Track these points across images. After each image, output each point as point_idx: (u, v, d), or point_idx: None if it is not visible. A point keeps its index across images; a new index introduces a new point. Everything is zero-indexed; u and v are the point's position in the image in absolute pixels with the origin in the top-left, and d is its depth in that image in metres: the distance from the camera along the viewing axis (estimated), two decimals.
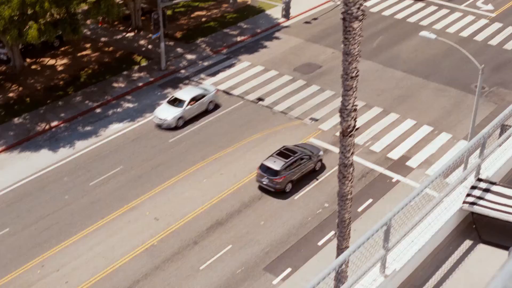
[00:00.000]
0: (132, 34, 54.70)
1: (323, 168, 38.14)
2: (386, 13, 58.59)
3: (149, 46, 52.67)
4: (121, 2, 51.21)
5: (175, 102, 42.85)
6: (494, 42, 52.91)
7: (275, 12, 57.16)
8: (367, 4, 57.47)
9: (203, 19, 57.80)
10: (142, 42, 53.59)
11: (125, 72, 48.84)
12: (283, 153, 36.67)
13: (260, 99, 45.19)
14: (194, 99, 43.01)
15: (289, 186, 36.17)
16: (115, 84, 47.31)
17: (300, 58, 50.69)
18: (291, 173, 35.92)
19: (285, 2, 47.05)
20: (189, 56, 51.27)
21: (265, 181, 35.87)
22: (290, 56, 51.08)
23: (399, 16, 58.04)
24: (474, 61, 35.30)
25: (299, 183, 36.77)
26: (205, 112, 43.57)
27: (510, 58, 50.32)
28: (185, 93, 43.74)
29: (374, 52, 51.15)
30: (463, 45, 47.98)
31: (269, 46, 52.78)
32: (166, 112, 42.22)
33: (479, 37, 53.68)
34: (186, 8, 60.04)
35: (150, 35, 51.93)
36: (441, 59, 49.81)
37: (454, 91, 45.74)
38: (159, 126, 42.06)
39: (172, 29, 55.10)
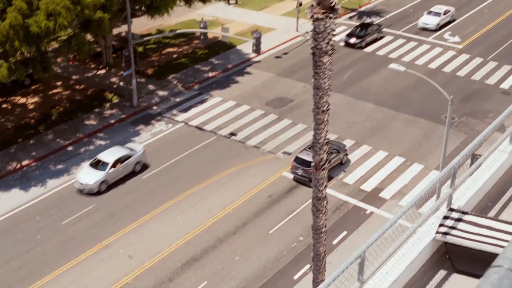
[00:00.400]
0: (103, 71, 54.69)
1: (348, 162, 41.29)
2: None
3: (121, 83, 52.66)
4: (92, 39, 51.22)
5: (98, 164, 39.91)
6: (462, 73, 53.77)
7: (246, 48, 57.57)
8: (337, 38, 58.18)
9: (174, 56, 58.05)
10: (113, 79, 53.58)
11: (96, 110, 48.70)
12: (306, 152, 39.46)
13: (232, 134, 45.27)
14: (119, 161, 40.07)
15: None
16: (86, 122, 47.12)
17: (272, 93, 51.00)
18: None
19: (256, 37, 47.41)
20: (161, 93, 51.32)
21: (300, 172, 39.21)
22: (261, 91, 51.37)
23: (369, 49, 58.81)
24: (443, 92, 35.81)
25: (273, 217, 36.74)
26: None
27: (478, 88, 51.12)
28: (109, 154, 40.56)
29: (344, 85, 51.67)
30: (432, 76, 48.73)
31: (240, 81, 53.07)
32: (88, 176, 39.19)
33: (448, 69, 54.54)
34: (157, 45, 60.29)
35: (121, 72, 51.93)
36: (411, 90, 50.44)
37: (425, 122, 46.25)
38: (81, 191, 39.13)
39: (144, 66, 55.21)
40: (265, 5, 71.32)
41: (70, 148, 44.13)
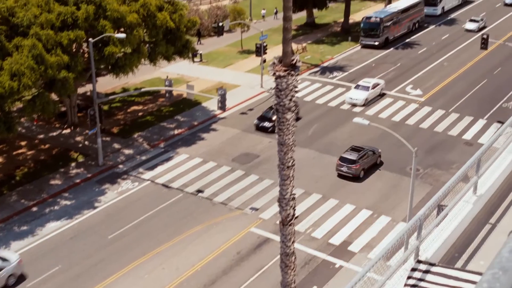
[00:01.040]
0: (68, 130, 54.40)
1: (381, 163, 47.79)
2: (320, 101, 60.07)
3: (86, 142, 52.38)
4: (56, 99, 51.09)
5: None
6: (425, 125, 54.60)
7: (211, 104, 57.86)
8: (302, 93, 58.89)
9: (140, 114, 58.07)
10: (78, 138, 53.29)
11: (62, 169, 48.24)
12: (355, 148, 47.06)
13: (199, 191, 45.09)
14: None
15: (362, 173, 46.11)
16: (52, 182, 46.58)
17: (238, 148, 51.12)
18: (363, 162, 46.03)
19: (221, 94, 47.72)
20: (127, 151, 51.12)
21: (344, 169, 45.67)
22: (227, 147, 51.47)
23: (333, 104, 59.54)
24: (407, 144, 36.26)
25: (242, 274, 36.38)
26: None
27: (442, 140, 51.87)
28: None
29: (310, 139, 52.04)
30: (396, 129, 49.40)
31: (206, 137, 53.16)
32: None
33: (411, 121, 55.36)
34: (123, 103, 60.33)
35: (86, 131, 51.72)
36: (376, 143, 50.93)
37: (391, 174, 46.63)
38: None
39: (109, 124, 55.09)
40: (230, 62, 72.08)
41: (34, 208, 43.46)
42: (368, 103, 58.84)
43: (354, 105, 58.86)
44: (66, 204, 43.91)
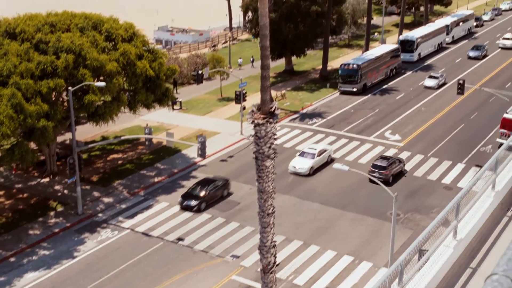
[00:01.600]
0: (47, 179, 54.00)
1: (406, 171, 54.09)
2: (300, 147, 60.25)
3: (65, 191, 51.97)
4: (35, 148, 50.84)
5: None
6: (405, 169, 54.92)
7: (191, 152, 57.86)
8: (281, 140, 59.10)
9: (120, 162, 57.88)
10: (57, 187, 52.88)
11: (40, 219, 47.70)
12: (384, 157, 53.90)
13: (180, 239, 44.73)
14: None
15: (391, 178, 51.80)
16: (30, 231, 46.00)
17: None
18: (392, 169, 52.02)
19: (201, 141, 47.76)
20: (106, 200, 50.77)
21: (376, 174, 50.03)
22: None
23: None
24: (387, 189, 36.38)
25: None
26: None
27: (421, 184, 52.12)
28: None
29: (290, 186, 52.06)
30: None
31: (186, 185, 52.96)
32: None
33: None
34: (102, 151, 60.15)
35: (66, 179, 51.38)
36: (356, 189, 51.10)
37: (371, 220, 46.65)
38: None
39: (88, 173, 54.80)
40: (209, 110, 72.37)
41: (12, 259, 42.78)
42: (313, 172, 54.67)
43: (297, 174, 53.98)
44: (44, 254, 43.31)
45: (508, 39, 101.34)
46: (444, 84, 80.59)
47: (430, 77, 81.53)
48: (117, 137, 59.03)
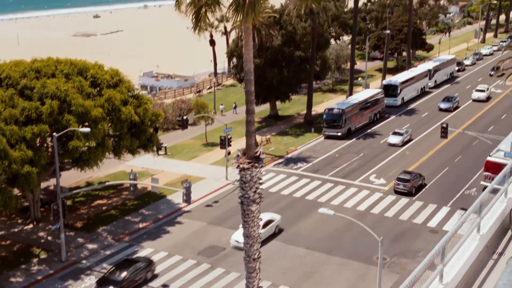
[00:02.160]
0: (30, 226, 53.47)
1: (426, 185, 60.81)
2: (285, 192, 60.27)
3: (49, 238, 51.43)
4: (19, 194, 50.44)
5: None
6: (390, 214, 54.92)
7: (176, 197, 57.64)
8: (266, 184, 59.06)
9: (104, 208, 57.50)
10: (41, 233, 52.34)
11: (23, 266, 47.05)
12: (407, 172, 61.38)
13: (165, 285, 44.22)
14: None
15: (414, 190, 58.87)
16: (12, 279, 45.33)
17: (204, 241, 50.63)
18: (414, 182, 59.06)
19: (186, 187, 47.63)
20: (90, 246, 50.26)
21: (401, 186, 58.69)
22: (193, 240, 50.96)
23: (298, 194, 59.76)
24: (373, 234, 36.33)
25: None
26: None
27: (407, 228, 52.09)
28: None
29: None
30: (361, 218, 49.60)
31: (171, 231, 52.64)
32: None
33: (376, 210, 55.65)
34: (87, 197, 59.78)
35: (49, 226, 50.91)
36: (342, 233, 50.97)
37: (357, 264, 46.42)
38: None
39: (73, 219, 54.36)
40: (194, 155, 72.37)
41: None
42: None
43: (239, 249, 46.19)
44: None
45: (481, 91, 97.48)
46: (409, 140, 76.06)
47: (394, 133, 76.31)
48: (101, 183, 58.73)
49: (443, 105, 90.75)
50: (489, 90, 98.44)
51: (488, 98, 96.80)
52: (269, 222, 50.37)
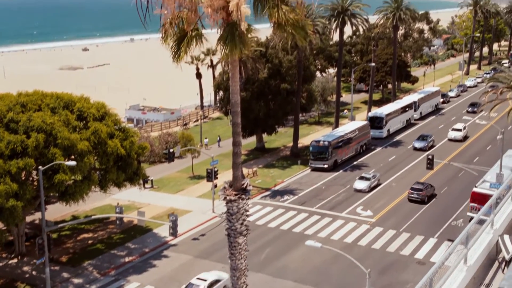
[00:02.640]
0: (15, 260, 52.89)
1: (435, 195, 64.95)
2: (272, 225, 60.09)
3: (34, 272, 50.87)
4: (4, 228, 49.96)
5: None
6: (377, 245, 54.81)
7: (163, 231, 57.29)
8: (253, 217, 58.89)
9: (90, 242, 57.03)
10: (26, 268, 51.77)
11: None
12: (419, 182, 67.65)
13: None
14: None
15: (426, 198, 65.17)
16: None
17: (190, 275, 50.13)
18: (427, 191, 65.50)
19: (172, 220, 47.41)
20: (76, 280, 49.72)
21: (414, 195, 64.93)
22: (180, 274, 50.53)
23: (285, 227, 59.58)
24: (360, 266, 36.21)
25: None
26: None
27: (394, 260, 51.96)
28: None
29: (262, 263, 51.57)
30: (348, 251, 49.47)
31: (158, 264, 52.23)
32: None
33: (363, 242, 55.53)
34: (72, 231, 59.31)
35: (34, 260, 50.37)
36: (329, 265, 50.75)
37: None
38: None
39: (58, 253, 53.85)
40: (181, 188, 72.17)
41: None
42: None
43: None
44: None
45: (457, 130, 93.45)
46: (377, 185, 71.27)
47: (361, 178, 71.36)
48: (87, 217, 58.34)
49: (417, 144, 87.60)
50: (466, 129, 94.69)
51: (465, 138, 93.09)
52: (214, 282, 45.96)
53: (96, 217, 55.83)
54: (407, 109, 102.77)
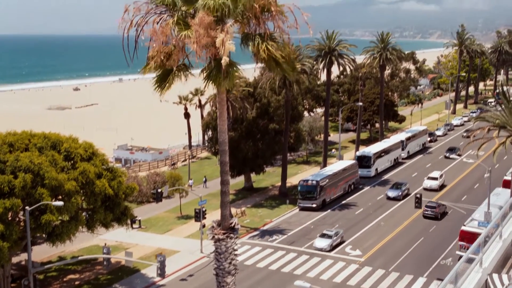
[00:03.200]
0: None
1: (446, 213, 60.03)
2: (261, 265, 59.71)
3: None
4: None
5: None
6: (366, 285, 54.50)
7: (151, 271, 56.77)
8: (242, 257, 58.49)
9: (77, 283, 56.39)
10: None
11: None
12: (432, 201, 73.80)
13: None
14: None
15: (439, 215, 72.48)
16: None
17: None
18: (440, 209, 72.82)
19: (160, 260, 47.05)
20: None
21: (429, 212, 72.59)
22: None
23: (274, 267, 59.21)
24: None
25: None
26: None
27: None
28: None
29: None
30: None
31: None
32: None
33: (352, 282, 55.21)
34: (59, 272, 58.66)
35: None
36: None
37: None
38: None
39: None
40: (169, 228, 71.76)
41: None
42: None
43: None
44: None
45: (433, 178, 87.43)
46: (341, 243, 65.37)
47: (322, 235, 65.26)
48: (74, 257, 57.76)
49: (390, 193, 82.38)
50: (443, 178, 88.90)
51: (441, 187, 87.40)
52: None
53: (83, 258, 55.33)
54: (395, 148, 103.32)
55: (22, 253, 57.29)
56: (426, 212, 72.37)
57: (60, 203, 46.07)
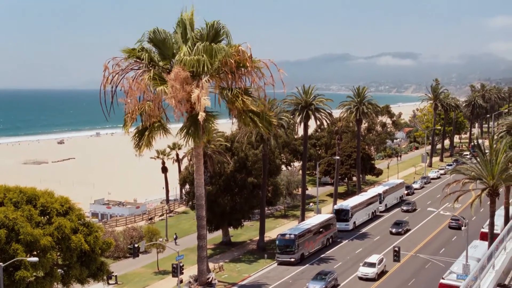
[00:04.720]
0: None
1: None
2: None
3: None
4: None
5: None
6: None
7: None
8: None
9: None
10: None
11: None
12: (454, 215, 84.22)
13: None
14: None
15: (461, 227, 73.55)
16: None
17: None
18: (461, 221, 75.38)
19: None
20: None
21: (454, 224, 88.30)
22: None
23: None
24: None
25: None
26: None
27: None
28: None
29: None
30: None
31: None
32: None
33: None
34: None
35: None
36: None
37: None
38: None
39: None
40: (146, 284, 70.94)
41: None
42: None
43: None
44: None
45: (371, 264, 70.70)
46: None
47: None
48: None
49: (312, 286, 65.68)
50: (384, 262, 72.37)
51: (380, 274, 70.95)
52: None
53: None
54: (373, 201, 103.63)
55: None
56: (452, 224, 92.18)
57: (35, 259, 45.37)
